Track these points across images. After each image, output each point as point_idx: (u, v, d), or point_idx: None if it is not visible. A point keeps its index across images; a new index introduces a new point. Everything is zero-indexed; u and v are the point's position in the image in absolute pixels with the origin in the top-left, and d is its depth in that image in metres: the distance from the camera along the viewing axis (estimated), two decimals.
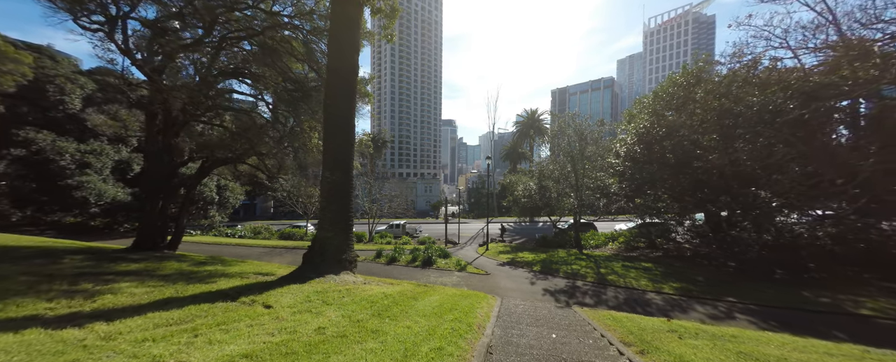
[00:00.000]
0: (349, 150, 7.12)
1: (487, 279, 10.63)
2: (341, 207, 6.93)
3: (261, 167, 10.80)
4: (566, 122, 17.30)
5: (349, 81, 7.06)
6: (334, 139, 6.94)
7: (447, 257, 13.58)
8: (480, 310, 5.64)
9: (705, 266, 12.53)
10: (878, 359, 4.28)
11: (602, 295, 8.89)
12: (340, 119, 6.98)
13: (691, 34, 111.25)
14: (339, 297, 4.87)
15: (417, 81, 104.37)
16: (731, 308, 7.57)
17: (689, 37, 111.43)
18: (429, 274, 11.20)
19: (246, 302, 4.25)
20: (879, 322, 6.54)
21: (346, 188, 7.00)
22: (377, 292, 5.55)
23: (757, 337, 5.18)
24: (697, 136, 13.90)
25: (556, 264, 12.63)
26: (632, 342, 4.37)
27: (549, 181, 18.41)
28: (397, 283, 8.00)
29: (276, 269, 7.93)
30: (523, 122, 43.22)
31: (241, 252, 14.93)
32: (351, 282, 6.21)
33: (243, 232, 28.20)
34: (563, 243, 18.35)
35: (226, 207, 22.66)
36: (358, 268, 12.12)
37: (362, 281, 6.50)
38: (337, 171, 6.86)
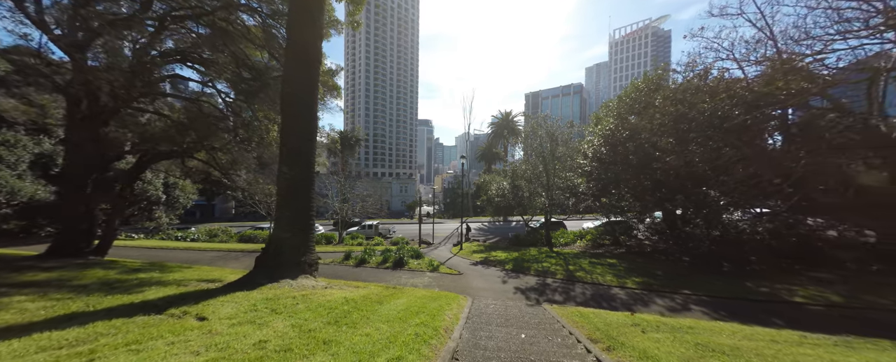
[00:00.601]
0: (310, 144, 6.55)
1: (460, 279, 10.45)
2: (300, 205, 6.35)
3: (212, 163, 9.72)
4: (538, 124, 17.69)
5: (311, 68, 6.50)
6: (293, 131, 6.34)
7: (419, 258, 13.23)
8: (450, 312, 5.40)
9: (663, 261, 13.33)
10: (813, 343, 4.63)
11: (571, 291, 9.05)
12: (300, 108, 6.39)
13: (650, 46, 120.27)
14: (291, 304, 4.37)
15: (393, 80, 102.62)
16: (687, 300, 8.01)
17: (648, 48, 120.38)
18: (400, 275, 10.79)
19: (175, 315, 3.65)
20: (810, 308, 7.23)
21: (305, 184, 6.43)
22: (338, 297, 5.11)
23: (710, 327, 5.44)
24: (657, 139, 14.79)
25: (528, 262, 12.77)
26: (599, 338, 4.35)
27: (522, 181, 18.73)
28: (364, 286, 7.54)
29: (226, 275, 7.14)
30: (498, 124, 43.94)
31: (189, 257, 13.47)
32: (310, 287, 5.69)
33: (197, 235, 25.78)
34: (534, 241, 18.73)
35: (175, 208, 20.47)
36: (323, 271, 11.42)
37: (323, 286, 6.00)
38: (296, 166, 6.27)
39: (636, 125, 15.52)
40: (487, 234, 26.51)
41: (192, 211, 55.83)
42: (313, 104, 6.57)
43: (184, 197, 20.57)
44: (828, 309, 7.17)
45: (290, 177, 6.23)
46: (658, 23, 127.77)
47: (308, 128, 6.50)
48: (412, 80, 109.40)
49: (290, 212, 6.23)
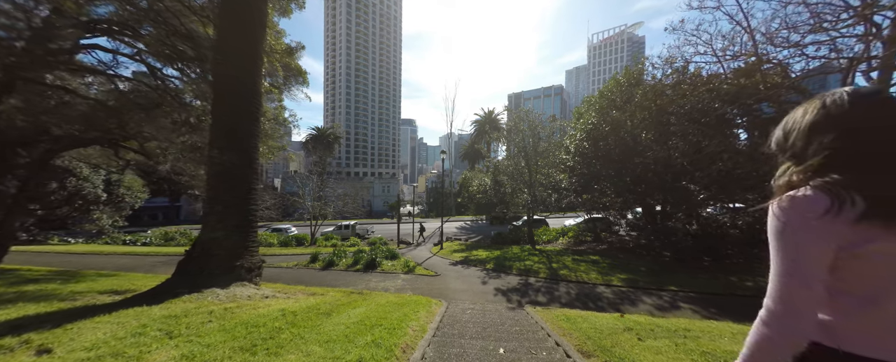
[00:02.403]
0: (251, 124, 5.44)
1: (436, 281, 9.59)
2: (237, 198, 5.25)
3: (142, 151, 8.25)
4: (521, 118, 17.18)
5: (249, 31, 5.37)
6: (227, 106, 5.22)
7: (395, 259, 12.25)
8: (416, 323, 4.51)
9: (645, 256, 13.10)
10: None
11: (555, 291, 8.44)
12: (236, 80, 5.28)
13: (626, 51, 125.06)
14: (200, 324, 3.33)
15: (375, 78, 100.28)
16: (675, 297, 7.58)
17: (624, 53, 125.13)
18: (370, 278, 9.78)
19: (5, 348, 2.54)
20: None
21: (244, 173, 5.33)
22: (273, 310, 4.08)
23: (708, 329, 4.88)
24: (638, 133, 14.64)
25: (510, 261, 12.12)
26: (591, 351, 3.62)
27: (504, 176, 18.17)
28: (322, 293, 6.51)
29: (149, 284, 5.87)
30: (481, 121, 43.53)
31: (126, 263, 11.75)
32: (244, 297, 4.62)
33: (150, 238, 23.39)
34: (517, 239, 18.22)
35: (121, 208, 18.18)
36: (284, 275, 10.19)
37: (262, 295, 4.93)
38: (231, 150, 5.16)
39: (617, 119, 15.33)
40: (469, 233, 25.86)
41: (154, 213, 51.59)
42: (254, 76, 5.46)
43: (131, 195, 18.30)
44: None
45: (222, 164, 5.11)
46: (633, 29, 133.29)
47: (247, 105, 5.38)
48: (395, 78, 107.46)
49: (222, 207, 5.11)
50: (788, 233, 0.70)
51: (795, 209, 0.69)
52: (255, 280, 5.45)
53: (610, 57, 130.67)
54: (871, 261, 0.66)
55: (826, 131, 0.72)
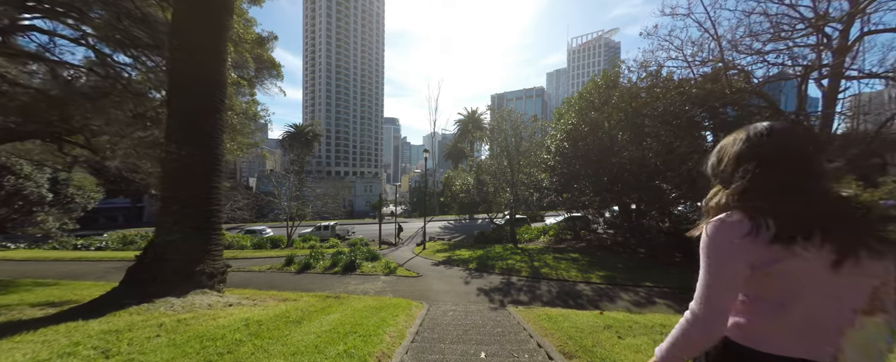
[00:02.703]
0: (213, 116, 4.98)
1: (418, 282, 9.38)
2: (197, 197, 4.79)
3: (87, 145, 7.40)
4: (503, 117, 17.26)
5: (215, 15, 4.89)
6: (185, 96, 4.74)
7: (375, 260, 11.91)
8: (394, 328, 4.30)
9: (621, 253, 13.54)
10: None
11: (536, 289, 8.47)
12: (196, 68, 4.80)
13: (603, 55, 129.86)
14: (145, 339, 2.95)
15: (357, 75, 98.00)
16: (650, 293, 7.81)
17: (601, 57, 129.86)
18: (349, 281, 9.41)
19: None
20: None
21: (205, 169, 4.87)
22: (235, 320, 3.73)
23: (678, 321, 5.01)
24: (615, 134, 15.11)
25: (493, 260, 12.12)
26: (572, 352, 3.57)
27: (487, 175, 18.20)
28: (294, 298, 6.13)
29: (93, 294, 5.26)
30: (464, 121, 43.61)
31: (74, 269, 10.64)
32: (203, 306, 4.21)
33: (106, 242, 21.48)
34: (499, 238, 18.33)
35: (70, 209, 16.53)
36: (255, 280, 9.60)
37: (226, 303, 4.53)
38: (190, 145, 4.69)
39: (596, 120, 15.75)
40: (453, 233, 25.77)
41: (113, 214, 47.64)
42: (217, 64, 4.98)
43: (82, 196, 16.69)
44: None
45: (179, 159, 4.63)
46: (610, 34, 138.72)
47: (209, 96, 4.92)
48: (378, 75, 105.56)
49: (179, 206, 4.64)
50: (714, 250, 0.80)
51: (722, 230, 0.79)
52: (219, 286, 5.00)
53: (588, 61, 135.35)
54: (779, 276, 0.75)
55: (749, 160, 0.81)
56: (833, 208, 0.76)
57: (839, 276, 0.73)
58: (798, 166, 0.78)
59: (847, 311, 0.76)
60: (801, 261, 0.72)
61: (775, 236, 0.73)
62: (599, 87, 16.59)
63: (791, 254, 0.72)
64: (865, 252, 0.72)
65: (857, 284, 0.75)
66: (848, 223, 0.75)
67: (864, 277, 0.74)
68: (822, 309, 0.75)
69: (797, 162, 0.79)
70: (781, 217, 0.74)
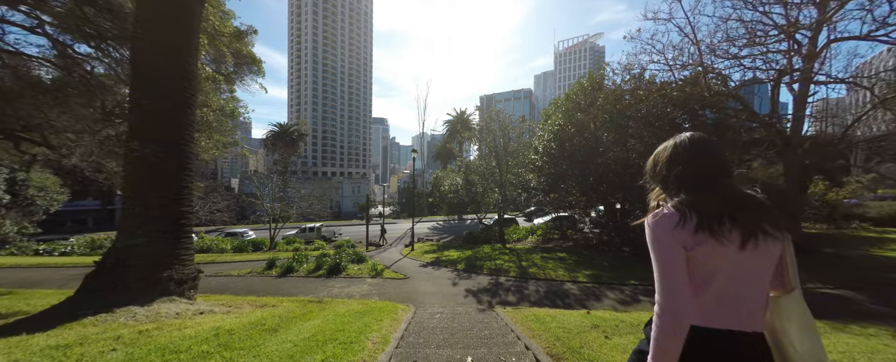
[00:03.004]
0: (182, 111, 4.63)
1: (405, 284, 9.19)
2: (164, 198, 4.46)
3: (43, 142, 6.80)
4: (491, 117, 17.28)
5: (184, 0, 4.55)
6: (150, 89, 4.39)
7: (362, 262, 11.63)
8: (378, 333, 4.13)
9: (607, 251, 13.76)
10: None
11: (524, 289, 8.45)
12: (162, 58, 4.46)
13: (588, 59, 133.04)
14: (99, 354, 2.68)
15: (345, 74, 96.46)
16: (635, 291, 7.93)
17: (586, 61, 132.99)
18: (334, 284, 9.12)
19: None
20: None
21: (172, 168, 4.54)
22: (204, 329, 3.47)
23: None
24: (600, 134, 15.38)
25: (481, 260, 12.06)
26: (560, 354, 3.51)
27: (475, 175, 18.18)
28: (274, 303, 5.85)
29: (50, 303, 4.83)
30: (453, 122, 43.60)
31: (28, 277, 9.84)
32: (171, 315, 3.91)
33: (71, 247, 20.15)
34: (488, 238, 18.33)
35: (31, 212, 15.38)
36: (234, 285, 9.16)
37: (196, 311, 4.23)
38: (154, 141, 4.36)
39: (582, 121, 16.00)
40: (442, 233, 25.63)
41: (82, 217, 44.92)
42: (186, 54, 4.64)
43: (44, 198, 15.56)
44: None
45: (144, 156, 4.29)
46: (594, 39, 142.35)
47: (177, 88, 4.58)
48: (366, 75, 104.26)
49: (143, 208, 4.30)
50: (656, 241, 0.92)
51: (659, 224, 0.93)
52: (189, 293, 4.68)
53: (574, 64, 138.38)
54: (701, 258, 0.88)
55: (677, 163, 0.98)
56: (739, 201, 0.93)
57: (745, 256, 0.88)
58: (714, 168, 0.96)
59: (757, 286, 0.92)
60: (715, 244, 0.87)
61: (697, 225, 0.88)
62: (585, 88, 16.86)
63: (708, 238, 0.87)
64: (762, 235, 0.89)
65: (760, 262, 0.90)
66: (749, 212, 0.91)
67: (764, 255, 0.90)
68: (735, 285, 0.90)
69: (713, 165, 0.97)
70: (701, 209, 0.90)
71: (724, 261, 0.88)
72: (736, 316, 0.89)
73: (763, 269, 0.91)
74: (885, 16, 8.90)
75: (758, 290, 0.91)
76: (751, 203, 0.93)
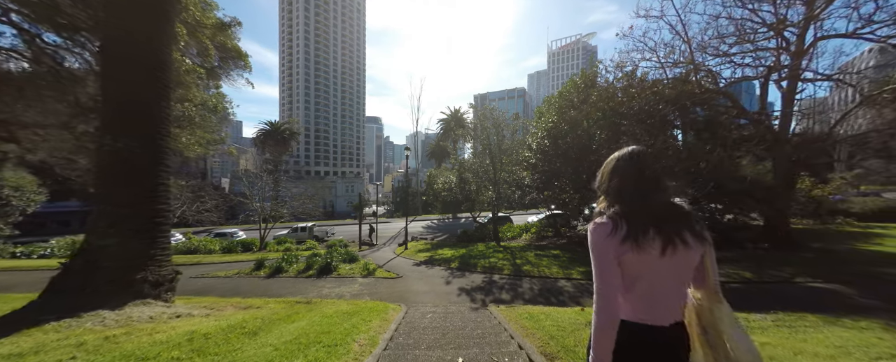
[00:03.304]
0: (157, 104, 4.36)
1: (397, 283, 9.02)
2: (137, 196, 4.21)
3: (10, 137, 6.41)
4: (485, 115, 17.17)
5: None
6: (122, 79, 4.13)
7: (353, 261, 11.41)
8: (366, 334, 3.97)
9: None
10: (759, 327, 4.42)
11: (518, 287, 8.36)
12: (134, 46, 4.20)
13: (581, 58, 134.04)
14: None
15: (337, 73, 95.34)
16: None
17: (579, 60, 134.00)
18: (324, 284, 8.90)
19: None
20: (731, 286, 7.62)
21: (147, 164, 4.29)
22: (176, 334, 3.26)
23: None
24: (594, 132, 15.39)
25: (475, 259, 11.96)
26: (554, 353, 3.39)
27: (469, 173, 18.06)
28: (259, 305, 5.63)
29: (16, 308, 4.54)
30: (447, 120, 43.42)
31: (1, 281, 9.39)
32: (143, 319, 3.68)
33: (51, 249, 19.42)
34: (482, 237, 18.25)
35: (6, 214, 14.74)
36: (220, 287, 8.87)
37: (172, 314, 4.01)
38: (127, 136, 4.11)
39: (575, 119, 16.00)
40: (436, 232, 25.48)
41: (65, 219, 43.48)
42: (160, 42, 4.37)
43: (20, 198, 14.93)
44: (744, 285, 7.64)
45: (116, 151, 4.03)
46: (587, 38, 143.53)
47: (150, 79, 4.32)
48: (359, 73, 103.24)
49: (114, 207, 4.05)
50: (594, 247, 1.01)
51: (595, 232, 1.03)
52: (166, 296, 4.43)
53: (567, 63, 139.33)
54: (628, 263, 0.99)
55: (616, 176, 1.07)
56: (664, 212, 1.02)
57: (664, 261, 0.98)
58: (646, 182, 1.05)
59: (675, 287, 1.03)
60: (639, 251, 0.97)
61: (625, 235, 0.98)
62: (578, 86, 16.86)
63: (635, 246, 0.97)
64: (681, 244, 0.99)
65: (678, 266, 1.01)
66: (672, 223, 1.01)
67: (682, 261, 1.00)
68: (657, 286, 1.01)
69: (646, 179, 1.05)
70: (630, 219, 0.99)
71: (646, 266, 0.99)
72: (655, 313, 1.02)
73: (681, 272, 1.03)
74: (871, 13, 9.04)
75: (676, 290, 1.04)
76: (675, 214, 1.04)
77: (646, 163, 1.07)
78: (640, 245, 0.96)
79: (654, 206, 1.02)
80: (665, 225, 0.99)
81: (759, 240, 11.53)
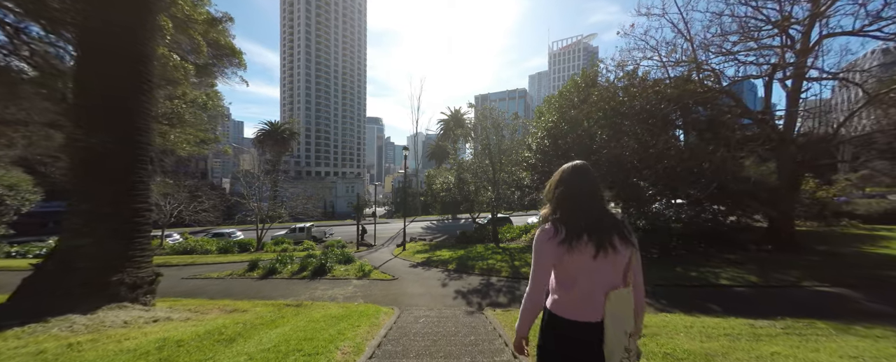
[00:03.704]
0: (137, 97, 4.17)
1: (393, 285, 8.82)
2: (115, 194, 4.03)
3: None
4: (485, 114, 16.98)
5: None
6: (98, 72, 3.94)
7: (349, 263, 11.22)
8: (352, 341, 3.77)
9: None
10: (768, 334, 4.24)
11: (516, 290, 8.15)
12: (111, 36, 4.01)
13: (582, 59, 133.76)
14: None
15: (338, 73, 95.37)
16: None
17: (580, 61, 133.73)
18: (317, 286, 8.70)
19: None
20: (736, 290, 7.40)
21: (125, 160, 4.11)
22: (147, 341, 3.07)
23: (662, 324, 4.80)
24: (594, 131, 15.16)
25: (473, 260, 11.74)
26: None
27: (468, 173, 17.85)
28: (246, 308, 5.43)
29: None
30: (447, 120, 43.26)
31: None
32: (116, 324, 3.49)
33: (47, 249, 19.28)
34: (482, 238, 18.03)
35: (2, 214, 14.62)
36: (213, 288, 8.69)
37: (149, 319, 3.81)
38: (103, 130, 3.92)
39: (575, 118, 15.78)
40: (435, 233, 25.27)
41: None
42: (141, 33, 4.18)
43: (15, 197, 14.79)
44: (749, 289, 7.41)
45: (90, 146, 3.85)
46: (588, 39, 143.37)
47: (129, 71, 4.13)
48: (360, 74, 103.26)
49: (90, 205, 3.86)
50: (536, 249, 1.22)
51: (540, 236, 1.22)
52: (145, 299, 4.24)
53: (568, 64, 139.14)
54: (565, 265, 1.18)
55: (559, 186, 1.27)
56: (597, 220, 1.17)
57: (596, 264, 1.14)
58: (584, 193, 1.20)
59: (605, 287, 1.15)
60: (576, 254, 1.13)
61: (562, 239, 1.15)
62: (579, 85, 16.65)
63: (571, 250, 1.14)
64: (611, 248, 1.14)
65: (608, 268, 1.15)
66: (604, 230, 1.15)
67: (612, 263, 1.15)
68: (589, 286, 1.15)
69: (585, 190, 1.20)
70: (568, 225, 1.16)
71: (580, 267, 1.14)
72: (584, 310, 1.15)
73: (611, 273, 1.15)
74: (879, 10, 8.82)
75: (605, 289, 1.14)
76: (607, 222, 1.17)
77: (586, 177, 1.22)
78: (574, 248, 1.12)
79: (590, 214, 1.17)
80: (597, 231, 1.13)
81: (763, 243, 11.28)
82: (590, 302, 1.13)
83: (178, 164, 21.87)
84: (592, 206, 1.18)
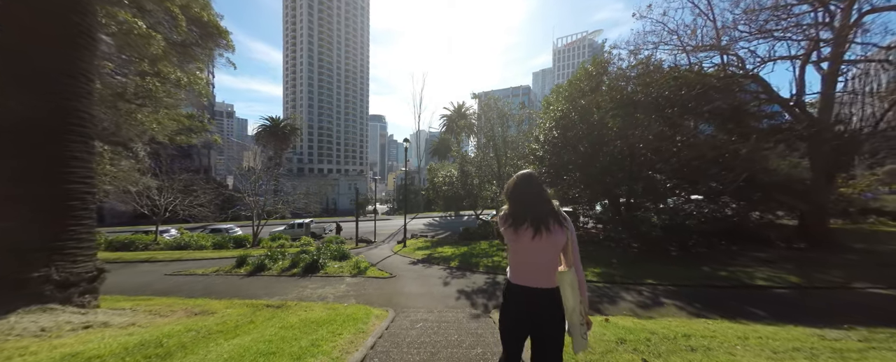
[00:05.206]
0: (68, 55, 3.38)
1: (389, 283, 8.08)
2: (38, 171, 3.29)
3: None
4: (490, 105, 16.12)
5: None
6: (11, 10, 3.19)
7: (344, 259, 10.51)
8: (328, 355, 3.01)
9: (613, 248, 12.66)
10: (842, 349, 3.38)
11: None
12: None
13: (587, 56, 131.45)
14: None
15: (341, 71, 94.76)
16: (655, 291, 6.84)
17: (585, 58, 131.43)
18: (307, 284, 7.98)
19: None
20: (777, 292, 6.55)
21: (53, 128, 3.36)
22: (50, 358, 2.32)
23: (709, 334, 3.97)
24: (606, 121, 14.24)
25: (477, 257, 10.97)
26: None
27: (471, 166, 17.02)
28: (215, 310, 4.71)
29: None
30: (450, 115, 42.42)
31: None
32: (27, 332, 2.74)
33: None
34: (486, 234, 17.23)
35: None
36: (193, 285, 7.99)
37: (79, 324, 3.08)
38: (26, 90, 3.18)
39: (586, 108, 14.86)
40: (438, 230, 24.53)
41: None
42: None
43: None
44: (791, 291, 6.54)
45: (15, 115, 3.10)
46: (593, 36, 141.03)
47: (63, 19, 3.37)
48: (363, 72, 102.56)
49: (7, 183, 3.13)
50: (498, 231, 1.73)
51: (499, 222, 1.70)
52: (83, 299, 3.52)
53: (573, 61, 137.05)
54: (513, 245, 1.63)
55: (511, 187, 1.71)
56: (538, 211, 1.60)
57: (535, 243, 1.56)
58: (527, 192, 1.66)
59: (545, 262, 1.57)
60: (520, 235, 1.57)
61: (509, 224, 1.62)
62: (590, 73, 15.68)
63: (516, 232, 1.58)
64: (545, 231, 1.55)
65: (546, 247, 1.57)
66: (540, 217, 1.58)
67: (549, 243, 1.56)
68: (531, 260, 1.59)
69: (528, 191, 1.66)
70: (514, 214, 1.63)
71: (523, 246, 1.59)
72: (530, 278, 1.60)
73: (549, 251, 1.57)
74: None
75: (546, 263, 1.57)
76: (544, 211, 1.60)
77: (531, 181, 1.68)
78: (517, 231, 1.58)
79: (533, 207, 1.61)
80: (535, 219, 1.57)
81: (794, 240, 10.34)
82: (532, 272, 1.59)
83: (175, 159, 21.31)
84: (534, 202, 1.62)
